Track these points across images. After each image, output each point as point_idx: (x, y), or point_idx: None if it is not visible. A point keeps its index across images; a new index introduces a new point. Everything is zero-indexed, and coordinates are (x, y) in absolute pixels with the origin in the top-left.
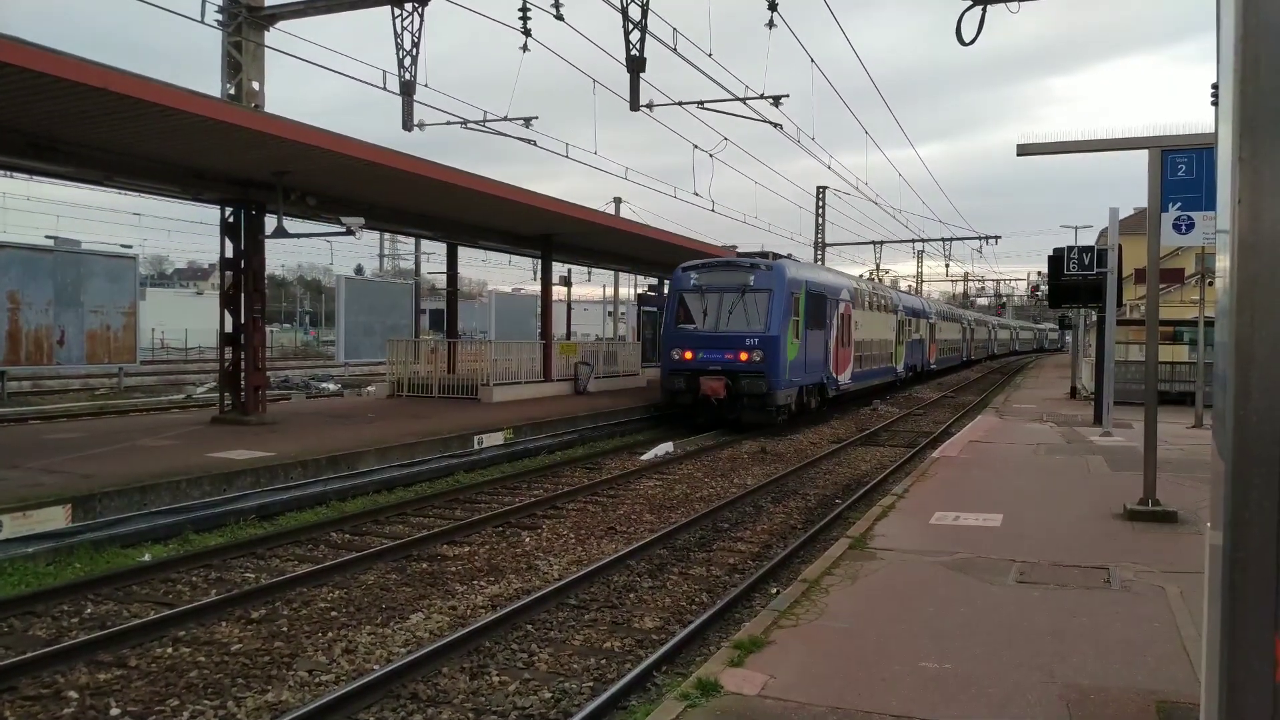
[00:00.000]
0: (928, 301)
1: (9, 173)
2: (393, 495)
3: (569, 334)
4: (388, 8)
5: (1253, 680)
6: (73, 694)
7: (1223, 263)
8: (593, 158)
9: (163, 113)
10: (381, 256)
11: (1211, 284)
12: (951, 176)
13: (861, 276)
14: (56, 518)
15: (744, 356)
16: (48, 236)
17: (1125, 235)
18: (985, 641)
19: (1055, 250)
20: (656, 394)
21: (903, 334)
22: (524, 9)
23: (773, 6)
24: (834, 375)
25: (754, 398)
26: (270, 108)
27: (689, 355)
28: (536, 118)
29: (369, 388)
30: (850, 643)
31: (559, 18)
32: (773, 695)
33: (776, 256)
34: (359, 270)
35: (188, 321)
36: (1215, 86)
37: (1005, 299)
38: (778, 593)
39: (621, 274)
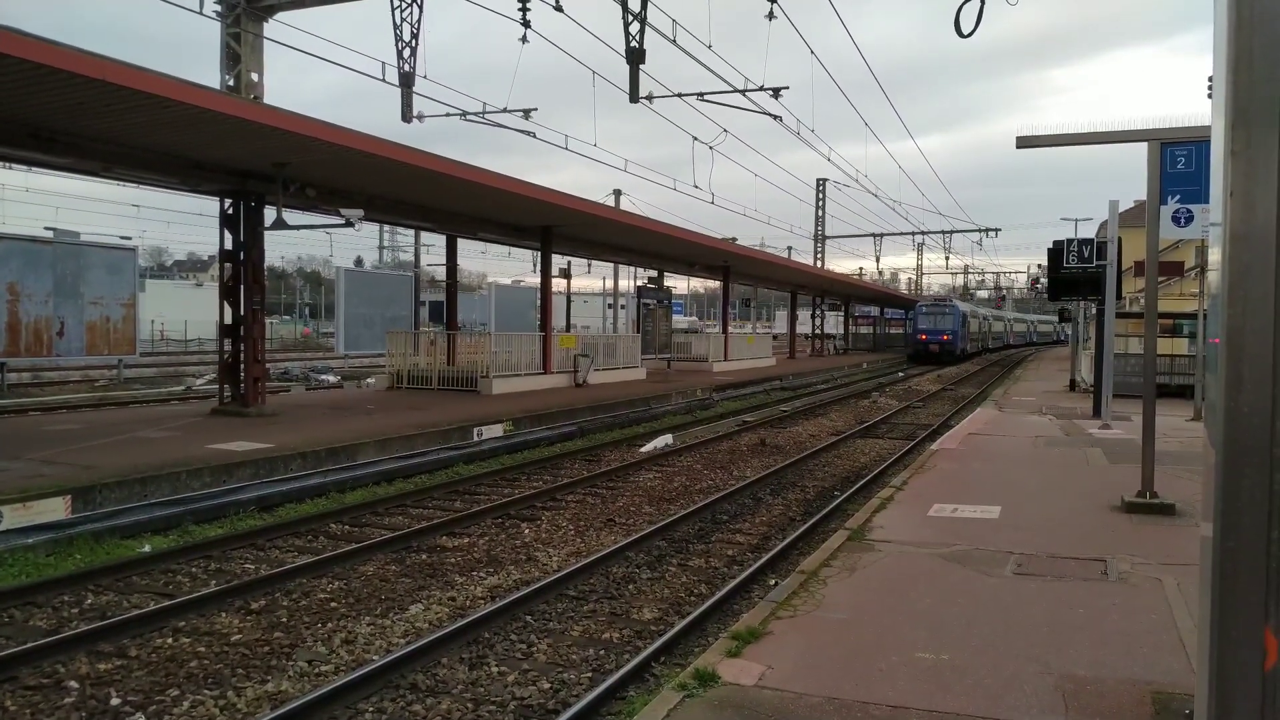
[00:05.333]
0: (990, 308)
1: (8, 164)
2: (392, 487)
3: (569, 326)
4: None
5: (1243, 669)
6: (73, 684)
7: (1215, 255)
8: (592, 149)
9: (161, 104)
10: (381, 248)
11: None
12: (951, 168)
13: (964, 294)
14: (57, 509)
15: (945, 337)
16: (47, 228)
17: (1125, 228)
18: (982, 633)
19: (1055, 243)
20: (657, 388)
21: (981, 328)
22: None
23: None
24: (967, 347)
25: (948, 352)
26: (269, 99)
27: (924, 337)
28: (536, 109)
29: (369, 380)
30: (847, 633)
31: (558, 9)
32: (770, 685)
33: (952, 300)
34: (359, 262)
35: (187, 313)
36: (1211, 79)
37: (1005, 292)
38: (776, 584)
39: (621, 266)
